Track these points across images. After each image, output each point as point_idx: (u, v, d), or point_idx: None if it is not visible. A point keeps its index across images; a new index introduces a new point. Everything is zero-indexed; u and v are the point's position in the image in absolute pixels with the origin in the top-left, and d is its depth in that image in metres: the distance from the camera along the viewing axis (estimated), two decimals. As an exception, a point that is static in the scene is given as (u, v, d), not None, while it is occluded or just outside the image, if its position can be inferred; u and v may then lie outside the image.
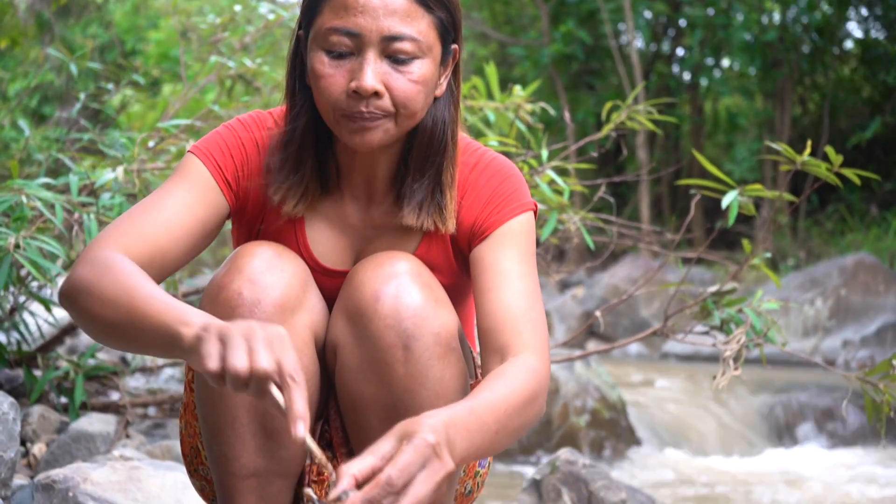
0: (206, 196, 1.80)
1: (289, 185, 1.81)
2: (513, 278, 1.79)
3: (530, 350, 1.72)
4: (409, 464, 1.39)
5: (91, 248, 1.68)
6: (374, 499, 1.37)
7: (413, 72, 1.72)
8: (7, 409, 2.61)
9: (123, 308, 1.56)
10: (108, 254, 1.65)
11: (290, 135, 1.81)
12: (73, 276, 1.64)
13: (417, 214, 1.82)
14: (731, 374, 3.03)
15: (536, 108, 3.76)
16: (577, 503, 3.04)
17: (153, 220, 1.73)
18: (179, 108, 4.65)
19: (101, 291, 1.59)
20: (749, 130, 16.98)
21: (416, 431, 1.42)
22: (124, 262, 1.63)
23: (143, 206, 1.76)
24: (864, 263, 9.59)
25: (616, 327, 10.20)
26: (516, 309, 1.76)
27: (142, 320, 1.54)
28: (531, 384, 1.65)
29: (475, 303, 1.82)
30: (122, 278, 1.59)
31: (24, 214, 2.87)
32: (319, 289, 1.86)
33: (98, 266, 1.62)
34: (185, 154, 1.85)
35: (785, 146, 2.98)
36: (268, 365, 1.41)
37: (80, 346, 5.53)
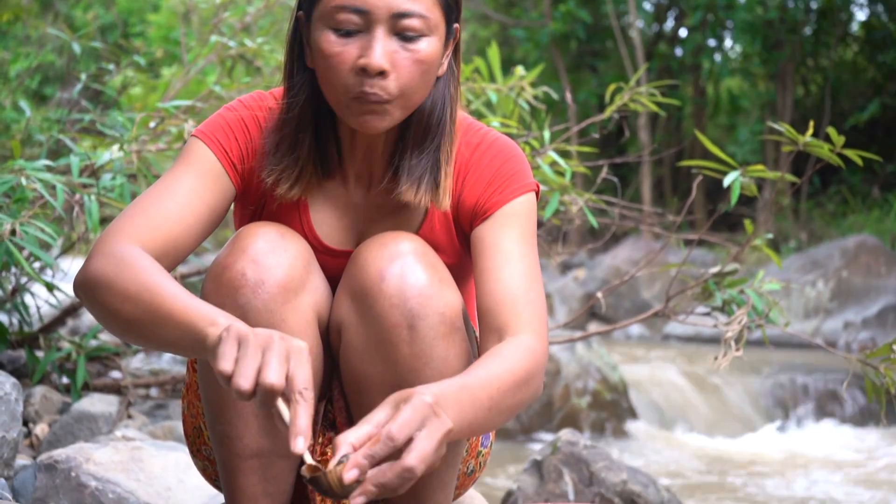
0: (214, 181, 1.80)
1: (282, 167, 1.80)
2: (513, 259, 1.80)
3: (528, 331, 1.73)
4: (408, 420, 1.40)
5: (106, 240, 1.66)
6: (376, 453, 1.38)
7: (420, 49, 1.71)
8: (9, 389, 2.61)
9: (145, 305, 1.55)
10: (126, 248, 1.64)
11: (287, 116, 1.81)
12: (89, 269, 1.63)
13: (416, 191, 1.82)
14: (733, 356, 3.03)
15: (539, 91, 3.75)
16: (578, 484, 3.04)
17: (165, 210, 1.72)
18: (180, 88, 4.64)
19: (121, 287, 1.58)
20: (751, 112, 16.95)
21: (411, 394, 1.44)
22: (143, 256, 1.62)
23: (153, 194, 1.75)
24: (866, 245, 9.58)
25: (617, 309, 10.21)
26: (516, 290, 1.76)
27: (166, 319, 1.53)
28: (527, 363, 1.66)
29: (475, 283, 1.82)
30: (143, 276, 1.58)
31: (24, 196, 2.87)
32: (323, 269, 1.86)
33: (116, 260, 1.61)
34: (188, 138, 1.84)
35: (787, 127, 2.97)
36: (275, 380, 1.40)
37: (83, 327, 5.54)
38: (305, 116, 1.81)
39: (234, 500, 1.81)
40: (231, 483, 1.81)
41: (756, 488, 4.64)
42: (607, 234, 4.30)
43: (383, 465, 1.39)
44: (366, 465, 1.37)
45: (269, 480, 1.80)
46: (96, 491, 2.49)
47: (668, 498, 3.10)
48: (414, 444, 1.39)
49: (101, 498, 2.48)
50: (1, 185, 2.84)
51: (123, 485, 2.51)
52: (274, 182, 1.81)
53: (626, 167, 15.34)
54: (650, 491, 3.07)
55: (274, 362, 1.41)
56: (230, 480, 1.81)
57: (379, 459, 1.38)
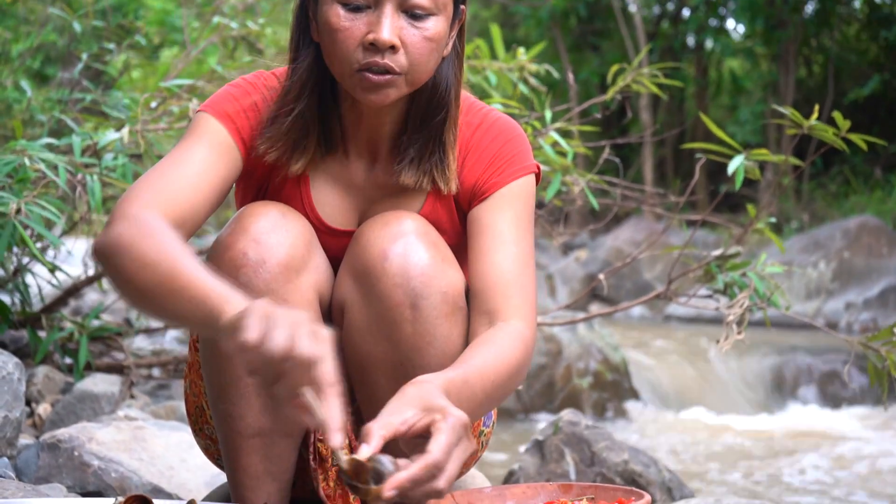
0: (225, 153, 1.79)
1: (281, 138, 1.80)
2: (507, 242, 1.81)
3: (519, 316, 1.74)
4: (450, 445, 1.41)
5: (126, 205, 1.65)
6: (419, 478, 1.39)
7: (428, 28, 1.71)
8: (12, 369, 2.62)
9: (162, 274, 1.54)
10: (147, 213, 1.63)
11: (290, 88, 1.80)
12: (110, 232, 1.61)
13: (414, 173, 1.82)
14: (735, 338, 3.03)
15: (541, 69, 3.74)
16: (579, 464, 3.05)
17: (182, 179, 1.72)
18: (182, 69, 4.63)
19: (142, 253, 1.57)
20: (753, 93, 16.91)
21: (444, 408, 1.44)
22: (164, 225, 1.61)
23: (168, 164, 1.74)
24: (868, 226, 9.57)
25: (619, 290, 10.21)
26: (508, 273, 1.77)
27: (182, 290, 1.52)
28: (519, 353, 1.69)
29: (468, 263, 1.83)
30: (163, 244, 1.57)
31: (27, 176, 2.87)
32: (324, 249, 1.86)
33: (138, 225, 1.60)
34: (196, 113, 1.83)
35: (792, 110, 2.96)
36: (313, 352, 1.38)
37: (85, 307, 5.55)
38: (308, 89, 1.80)
39: (236, 480, 1.82)
40: (233, 462, 1.81)
41: (757, 469, 4.65)
42: (609, 216, 4.29)
43: None
44: (407, 490, 1.39)
45: (272, 459, 1.80)
46: (99, 470, 2.50)
47: (669, 478, 3.10)
48: (445, 467, 1.41)
49: (103, 477, 2.49)
50: (3, 165, 2.83)
51: (126, 464, 2.52)
52: (267, 150, 1.80)
53: (627, 148, 15.31)
54: (651, 471, 3.07)
55: (306, 338, 1.39)
56: (232, 459, 1.81)
57: (418, 484, 1.40)
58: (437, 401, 1.45)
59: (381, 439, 1.40)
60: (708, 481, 4.35)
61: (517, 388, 1.72)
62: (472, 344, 1.69)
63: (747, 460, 4.85)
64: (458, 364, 1.60)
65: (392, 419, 1.42)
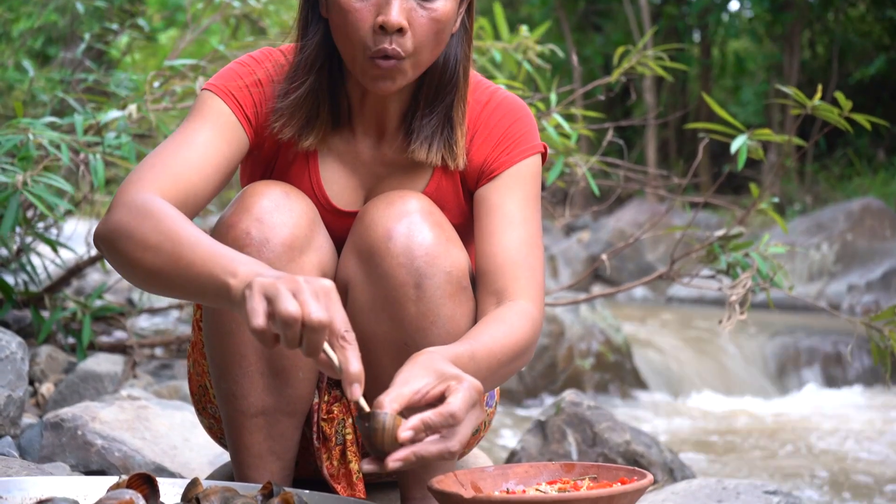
0: (229, 133, 1.78)
1: (292, 113, 1.80)
2: (515, 223, 1.81)
3: (527, 297, 1.75)
4: (467, 402, 1.44)
5: (126, 190, 1.65)
6: (434, 425, 1.41)
7: (437, 9, 1.71)
8: (15, 348, 2.62)
9: (167, 254, 1.53)
10: (146, 196, 1.62)
11: (302, 65, 1.80)
12: (110, 219, 1.61)
13: (427, 150, 1.82)
14: (737, 319, 3.03)
15: (545, 49, 3.73)
16: (581, 444, 3.06)
17: (184, 160, 1.71)
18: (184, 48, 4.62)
19: (142, 236, 1.56)
20: (757, 74, 16.87)
21: (458, 375, 1.47)
22: (164, 204, 1.60)
23: (171, 145, 1.73)
24: (871, 208, 9.56)
25: (621, 271, 10.21)
26: (516, 254, 1.78)
27: (187, 268, 1.51)
28: (527, 332, 1.69)
29: (476, 243, 1.83)
30: (164, 223, 1.56)
31: (29, 154, 2.87)
32: (329, 229, 1.85)
33: (137, 209, 1.59)
34: (200, 92, 1.82)
35: (795, 90, 2.95)
36: (322, 315, 1.38)
37: (87, 287, 5.55)
38: (318, 65, 1.80)
39: (239, 458, 1.82)
40: (237, 441, 1.82)
41: (759, 449, 4.66)
42: (612, 197, 4.29)
43: (429, 438, 1.42)
44: (422, 431, 1.41)
45: (275, 438, 1.80)
46: (102, 449, 2.50)
47: (670, 458, 3.11)
48: (459, 428, 1.43)
49: (107, 456, 2.50)
50: (6, 142, 2.83)
51: (129, 443, 2.53)
52: (281, 127, 1.80)
53: (630, 129, 15.29)
54: (653, 451, 3.08)
55: (312, 301, 1.38)
56: (236, 438, 1.82)
57: (432, 432, 1.41)
58: (449, 369, 1.47)
59: (395, 406, 1.41)
60: (709, 462, 4.36)
61: (523, 367, 1.72)
62: (481, 321, 1.70)
63: (749, 441, 4.85)
64: (466, 339, 1.60)
65: (404, 390, 1.43)
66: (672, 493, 2.41)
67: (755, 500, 2.30)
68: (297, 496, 1.52)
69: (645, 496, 2.40)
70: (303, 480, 1.93)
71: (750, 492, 2.35)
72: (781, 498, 2.34)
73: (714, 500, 2.32)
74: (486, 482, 1.67)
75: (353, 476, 1.86)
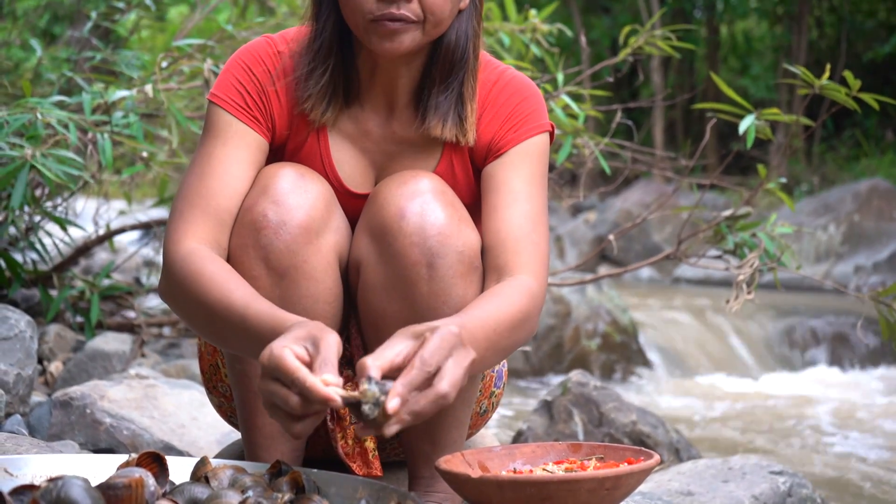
0: (243, 141, 1.81)
1: (319, 89, 1.81)
2: (521, 199, 1.81)
3: (528, 271, 1.75)
4: (438, 348, 1.44)
5: (169, 248, 1.72)
6: (413, 381, 1.41)
7: None
8: (24, 327, 2.63)
9: (220, 325, 1.63)
10: (185, 255, 1.69)
11: (322, 45, 1.80)
12: (163, 283, 1.72)
13: (441, 126, 1.83)
14: (744, 299, 3.03)
15: (553, 29, 3.72)
16: (587, 424, 3.06)
17: (213, 191, 1.76)
18: (192, 28, 4.61)
19: (192, 309, 1.67)
20: (765, 54, 16.80)
21: (435, 325, 1.48)
22: (203, 265, 1.67)
23: (196, 180, 1.77)
24: (878, 189, 9.54)
25: (628, 252, 10.20)
26: (519, 230, 1.78)
27: (242, 334, 1.60)
28: (524, 304, 1.68)
29: (482, 220, 1.83)
30: (210, 295, 1.64)
31: (37, 133, 2.87)
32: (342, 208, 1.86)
33: (181, 276, 1.67)
34: (208, 105, 1.85)
35: (803, 70, 2.94)
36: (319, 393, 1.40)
37: (95, 266, 5.57)
38: (334, 41, 1.81)
39: (251, 439, 1.83)
40: (248, 422, 1.82)
41: (765, 430, 4.66)
42: (619, 178, 4.28)
43: (415, 394, 1.41)
44: (405, 394, 1.40)
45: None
46: (111, 427, 2.52)
47: (676, 439, 3.12)
48: (443, 371, 1.43)
49: (115, 434, 2.51)
50: (14, 121, 2.83)
51: (138, 422, 2.54)
52: (312, 107, 1.82)
53: (637, 110, 15.24)
54: (659, 432, 3.09)
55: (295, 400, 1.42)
56: (247, 419, 1.82)
57: (415, 387, 1.41)
58: (424, 326, 1.49)
59: (377, 369, 1.41)
60: (716, 442, 4.37)
61: (526, 339, 1.72)
62: (477, 297, 1.70)
63: (755, 421, 4.86)
64: (457, 315, 1.61)
65: (386, 352, 1.44)
66: (678, 472, 2.42)
67: (761, 480, 2.31)
68: (306, 475, 1.53)
69: (651, 476, 2.41)
70: (313, 460, 1.94)
71: (756, 472, 2.36)
72: (787, 478, 2.35)
73: (720, 480, 2.33)
74: (493, 462, 1.68)
75: (370, 454, 1.87)
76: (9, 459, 1.53)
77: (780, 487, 2.31)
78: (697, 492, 2.29)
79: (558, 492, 1.51)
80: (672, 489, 2.30)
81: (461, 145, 1.86)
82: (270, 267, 1.72)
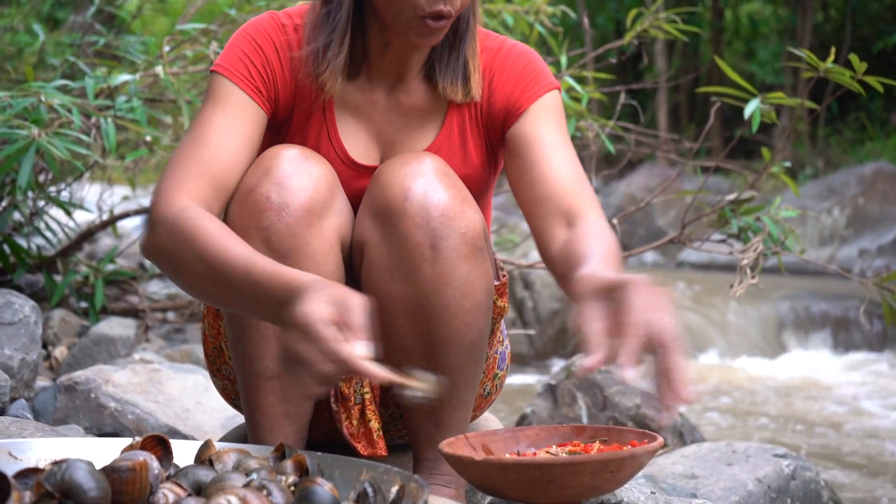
0: (244, 112, 1.79)
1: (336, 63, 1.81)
2: (557, 147, 1.84)
3: (593, 210, 1.78)
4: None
5: (159, 203, 1.68)
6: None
7: None
8: (28, 312, 2.64)
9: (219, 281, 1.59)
10: (178, 208, 1.66)
11: (336, 17, 1.80)
12: (152, 239, 1.67)
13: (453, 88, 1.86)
14: (748, 283, 3.03)
15: (557, 10, 3.71)
16: (591, 407, 3.07)
17: (208, 157, 1.73)
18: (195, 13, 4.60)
19: (187, 265, 1.63)
20: (770, 37, 16.75)
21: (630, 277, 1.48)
22: (199, 218, 1.64)
23: (190, 145, 1.75)
24: (883, 172, 9.52)
25: (632, 236, 10.20)
26: (570, 175, 1.81)
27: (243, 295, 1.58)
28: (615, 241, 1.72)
29: (521, 177, 1.84)
30: (208, 248, 1.60)
31: (41, 117, 2.86)
32: (345, 185, 1.86)
33: (175, 229, 1.64)
34: (210, 73, 1.84)
35: (808, 53, 2.93)
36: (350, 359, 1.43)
37: (99, 251, 5.57)
38: (349, 16, 1.81)
39: (253, 421, 1.83)
40: (251, 403, 1.83)
41: (769, 413, 4.67)
42: (623, 161, 4.28)
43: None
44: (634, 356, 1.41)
45: (289, 401, 1.81)
46: (116, 412, 2.52)
47: (680, 422, 3.12)
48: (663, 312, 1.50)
49: (120, 419, 2.52)
50: (17, 105, 2.83)
51: (142, 406, 2.55)
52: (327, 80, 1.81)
53: (642, 93, 15.21)
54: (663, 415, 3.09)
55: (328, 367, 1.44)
56: (250, 401, 1.83)
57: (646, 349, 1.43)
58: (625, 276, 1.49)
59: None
60: (719, 426, 4.38)
61: None
62: (581, 238, 1.69)
63: (759, 405, 4.87)
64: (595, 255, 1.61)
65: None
66: (682, 455, 2.42)
67: (765, 463, 2.31)
68: (310, 457, 1.53)
69: (655, 459, 2.42)
70: (316, 443, 1.95)
71: (760, 455, 2.36)
72: (791, 461, 2.35)
73: (724, 464, 2.33)
74: (496, 445, 1.68)
75: (374, 434, 1.87)
76: (13, 443, 1.54)
77: (784, 470, 2.31)
78: (701, 475, 2.29)
79: (562, 474, 1.51)
80: (676, 472, 2.31)
81: (468, 103, 1.88)
82: (272, 248, 1.72)
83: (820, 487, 2.37)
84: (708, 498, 2.17)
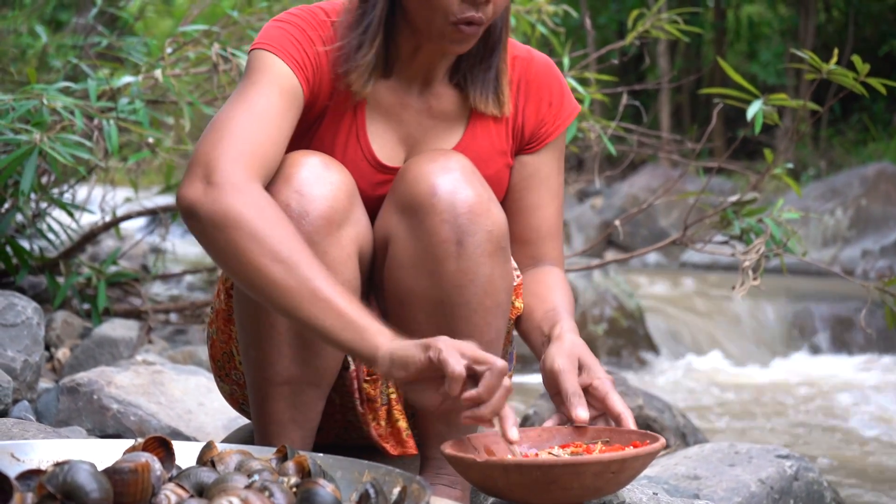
0: (293, 96, 1.76)
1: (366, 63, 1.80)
2: (557, 195, 1.98)
3: (558, 262, 1.99)
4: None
5: (219, 163, 1.62)
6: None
7: None
8: (31, 314, 2.64)
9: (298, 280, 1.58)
10: (254, 186, 1.62)
11: (369, 18, 1.80)
12: (220, 198, 1.60)
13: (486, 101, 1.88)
14: (751, 284, 3.03)
15: (559, 10, 3.71)
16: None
17: (259, 132, 1.69)
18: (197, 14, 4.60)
19: (271, 246, 1.58)
20: (772, 38, 16.74)
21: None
22: (278, 209, 1.62)
23: (244, 113, 1.70)
24: (886, 173, 9.51)
25: (634, 237, 10.20)
26: (553, 225, 1.96)
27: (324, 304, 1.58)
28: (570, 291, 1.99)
29: (517, 209, 1.95)
30: (292, 241, 1.59)
31: (43, 119, 2.87)
32: (369, 186, 1.85)
33: (258, 206, 1.60)
34: (255, 52, 1.79)
35: (811, 54, 2.93)
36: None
37: (102, 253, 5.58)
38: (383, 18, 1.80)
39: (262, 426, 1.83)
40: (261, 408, 1.82)
41: (771, 414, 4.67)
42: (625, 162, 4.28)
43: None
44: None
45: (298, 408, 1.81)
46: (118, 413, 2.52)
47: (683, 423, 3.12)
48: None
49: (122, 420, 2.52)
50: (20, 107, 2.83)
51: (145, 408, 2.55)
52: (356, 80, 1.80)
53: (644, 94, 15.21)
54: (666, 416, 3.09)
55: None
56: (260, 406, 1.82)
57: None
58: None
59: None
60: (722, 427, 4.37)
61: None
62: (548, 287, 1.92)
63: (761, 406, 4.86)
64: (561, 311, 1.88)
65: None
66: (684, 457, 2.42)
67: (767, 465, 2.31)
68: (311, 459, 1.53)
69: (657, 460, 2.42)
70: (324, 447, 1.95)
71: (762, 456, 2.36)
72: (794, 462, 2.35)
73: (726, 465, 2.33)
74: (499, 446, 1.68)
75: (403, 433, 1.87)
76: (15, 444, 1.54)
77: (787, 471, 2.30)
78: (704, 476, 2.29)
79: (564, 475, 1.51)
80: (678, 473, 2.30)
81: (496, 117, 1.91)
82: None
83: (823, 488, 2.37)
84: (710, 499, 2.17)
